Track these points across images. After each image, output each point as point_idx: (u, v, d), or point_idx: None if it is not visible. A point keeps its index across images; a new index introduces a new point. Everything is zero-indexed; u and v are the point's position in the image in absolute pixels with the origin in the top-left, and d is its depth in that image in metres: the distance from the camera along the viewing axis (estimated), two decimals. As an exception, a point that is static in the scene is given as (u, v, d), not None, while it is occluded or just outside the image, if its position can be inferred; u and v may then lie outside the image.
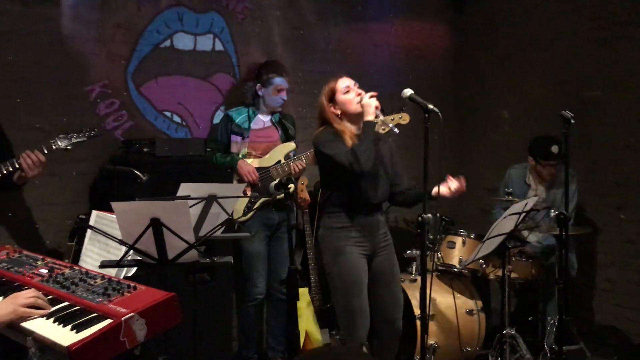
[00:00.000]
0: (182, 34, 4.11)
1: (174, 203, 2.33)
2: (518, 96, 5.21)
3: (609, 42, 4.54)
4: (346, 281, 3.10)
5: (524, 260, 4.08)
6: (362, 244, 3.13)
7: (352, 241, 3.11)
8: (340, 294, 3.13)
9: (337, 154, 3.00)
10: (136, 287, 2.10)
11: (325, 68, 4.83)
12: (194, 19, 4.15)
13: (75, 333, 1.85)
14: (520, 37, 5.15)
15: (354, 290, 3.09)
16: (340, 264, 3.11)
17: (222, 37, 4.29)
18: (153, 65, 4.02)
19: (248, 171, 3.82)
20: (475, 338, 4.04)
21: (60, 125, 3.58)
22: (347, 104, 3.14)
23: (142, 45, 3.95)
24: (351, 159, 2.95)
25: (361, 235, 3.13)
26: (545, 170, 4.24)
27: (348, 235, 3.11)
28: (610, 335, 4.55)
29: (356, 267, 3.10)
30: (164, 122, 4.09)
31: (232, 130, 3.95)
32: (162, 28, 4.02)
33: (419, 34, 5.35)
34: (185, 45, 4.12)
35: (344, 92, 3.16)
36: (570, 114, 3.16)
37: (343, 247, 3.10)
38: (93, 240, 2.75)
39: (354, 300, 3.09)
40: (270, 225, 4.00)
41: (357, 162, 2.94)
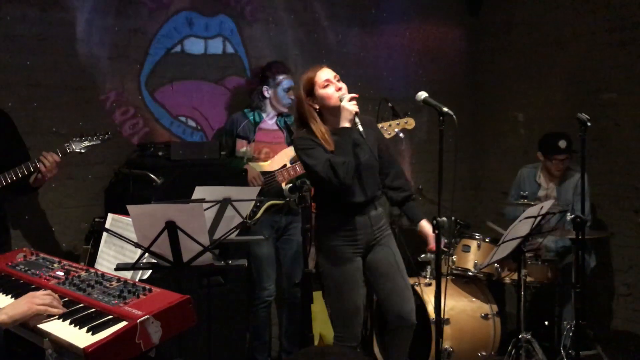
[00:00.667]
0: (192, 38, 4.12)
1: (189, 206, 2.34)
2: (534, 99, 5.18)
3: (626, 44, 4.49)
4: (337, 281, 3.04)
5: (540, 263, 4.05)
6: (354, 243, 3.04)
7: (344, 240, 3.03)
8: (332, 294, 3.09)
9: (316, 164, 2.89)
10: (151, 289, 2.11)
11: (340, 71, 4.78)
12: (203, 23, 4.17)
13: (91, 335, 1.86)
14: (536, 39, 5.12)
15: (344, 289, 3.04)
16: (331, 263, 3.05)
17: (233, 39, 4.30)
18: (166, 70, 4.04)
19: (253, 177, 3.82)
20: (491, 342, 4.01)
21: (76, 129, 3.61)
22: (326, 99, 2.97)
23: (154, 50, 3.98)
24: (329, 173, 2.84)
25: (353, 233, 3.04)
26: (554, 165, 4.24)
27: (339, 235, 3.03)
28: (628, 340, 4.49)
29: (347, 267, 3.03)
30: (179, 127, 4.11)
31: (237, 134, 3.95)
32: (172, 33, 4.04)
33: (433, 36, 5.33)
34: (196, 50, 4.14)
35: (323, 86, 2.97)
36: (586, 117, 3.14)
37: (335, 247, 3.03)
38: (109, 243, 2.77)
39: (345, 299, 3.04)
40: (277, 228, 3.99)
41: (335, 176, 2.84)
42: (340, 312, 3.08)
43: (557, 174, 4.30)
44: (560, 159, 4.22)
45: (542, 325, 4.34)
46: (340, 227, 3.04)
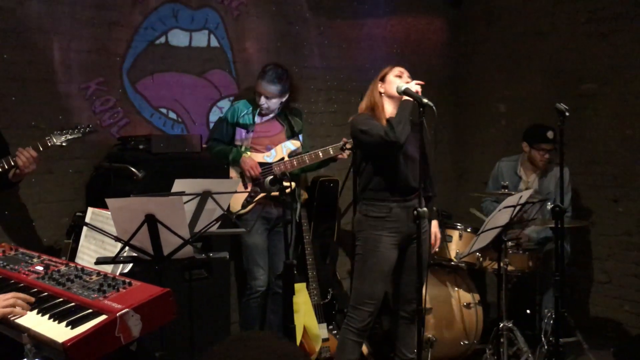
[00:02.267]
0: (177, 30, 4.10)
1: (168, 199, 2.33)
2: (515, 90, 5.21)
3: (605, 35, 4.54)
4: (370, 267, 3.24)
5: (521, 252, 4.09)
6: (395, 234, 3.23)
7: (386, 231, 3.23)
8: (361, 276, 3.29)
9: (372, 127, 3.13)
10: (131, 283, 2.10)
11: (322, 63, 4.83)
12: (188, 16, 4.15)
13: (70, 329, 1.84)
14: (517, 31, 5.16)
15: (370, 275, 3.24)
16: (369, 251, 3.24)
17: (218, 33, 4.29)
18: (148, 62, 4.02)
19: (251, 166, 3.83)
20: (473, 331, 4.05)
21: (56, 123, 3.59)
22: (393, 84, 3.23)
23: (137, 42, 3.95)
24: (386, 128, 3.07)
25: (396, 225, 3.22)
26: (539, 155, 4.27)
27: (383, 226, 3.22)
28: (607, 327, 4.57)
29: (383, 258, 3.23)
30: (160, 118, 4.10)
31: (237, 122, 3.94)
32: (157, 25, 4.02)
33: (415, 28, 5.35)
34: (180, 42, 4.13)
35: (395, 75, 3.28)
36: (565, 107, 3.17)
37: (376, 237, 3.22)
38: (89, 237, 2.76)
39: (367, 284, 3.25)
40: (270, 219, 4.00)
41: (392, 130, 3.04)
42: (358, 293, 3.30)
43: (542, 164, 4.32)
44: (547, 148, 4.24)
45: (523, 313, 4.40)
46: (384, 218, 3.22)
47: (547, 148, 4.23)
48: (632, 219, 4.46)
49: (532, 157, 4.33)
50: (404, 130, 3.06)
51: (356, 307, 3.28)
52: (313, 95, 4.82)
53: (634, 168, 4.43)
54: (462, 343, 4.02)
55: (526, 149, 4.36)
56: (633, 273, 4.47)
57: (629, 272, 4.49)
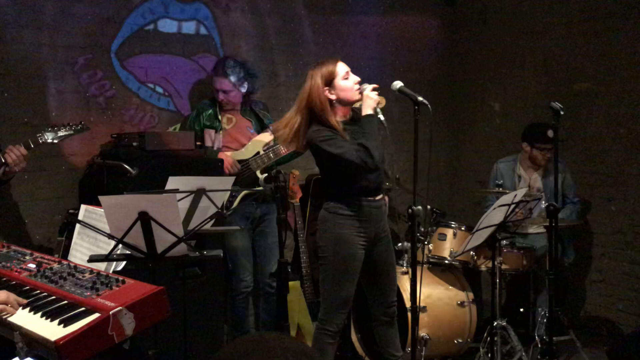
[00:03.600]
0: (166, 19, 4.09)
1: (162, 196, 2.32)
2: (509, 88, 5.22)
3: (600, 33, 4.54)
4: (339, 269, 3.08)
5: (515, 251, 4.09)
6: (363, 234, 3.08)
7: (355, 230, 3.06)
8: (330, 280, 3.11)
9: (345, 152, 2.91)
10: (124, 281, 2.09)
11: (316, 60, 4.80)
12: (178, 8, 4.12)
13: (62, 327, 1.84)
14: (512, 29, 5.16)
15: (345, 279, 3.08)
16: (337, 251, 3.07)
17: (207, 24, 4.26)
18: (137, 43, 3.99)
19: (230, 164, 3.79)
20: (467, 330, 4.05)
21: (48, 120, 3.56)
22: (346, 91, 3.03)
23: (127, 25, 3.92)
24: (363, 156, 2.89)
25: (364, 224, 3.08)
26: (541, 154, 4.27)
27: (352, 224, 3.06)
28: (601, 325, 4.58)
29: (352, 258, 3.07)
30: (147, 91, 4.07)
31: (204, 124, 3.91)
32: (146, 14, 4.01)
33: (409, 26, 5.34)
34: (169, 29, 4.10)
35: (344, 78, 3.03)
36: (559, 106, 3.17)
37: (345, 235, 3.05)
38: (82, 234, 2.74)
39: (343, 288, 3.09)
40: (253, 219, 3.97)
41: (371, 159, 2.90)
42: (331, 298, 3.13)
43: (544, 163, 4.31)
44: (548, 148, 4.22)
45: (517, 312, 4.40)
46: (354, 216, 3.06)
47: (548, 147, 4.22)
48: (625, 217, 4.47)
49: (533, 157, 4.32)
50: (380, 155, 2.94)
51: (332, 312, 3.12)
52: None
53: (627, 167, 4.44)
54: (455, 341, 4.01)
55: (527, 149, 4.34)
56: (626, 272, 4.48)
57: (622, 270, 4.50)
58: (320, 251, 3.15)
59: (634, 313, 4.40)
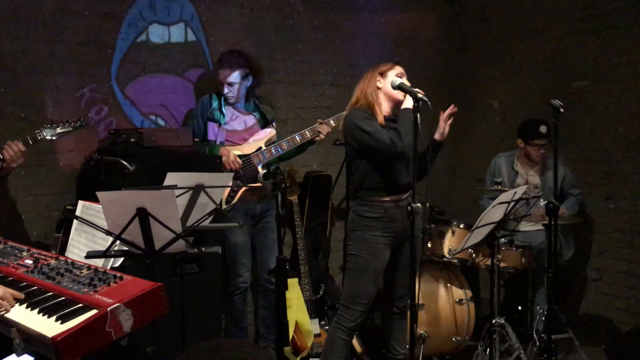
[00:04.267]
0: (156, 25, 4.04)
1: (160, 192, 2.30)
2: (508, 86, 5.21)
3: (599, 32, 4.54)
4: (364, 268, 3.20)
5: (514, 249, 4.09)
6: (389, 234, 3.19)
7: (381, 232, 3.17)
8: (354, 276, 3.23)
9: (376, 131, 3.05)
10: (122, 277, 2.08)
11: (315, 58, 4.80)
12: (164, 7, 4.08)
13: (60, 324, 1.82)
14: (511, 27, 5.15)
15: (364, 276, 3.20)
16: (364, 251, 3.19)
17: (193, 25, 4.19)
18: (133, 63, 3.94)
19: (231, 160, 3.78)
20: (465, 327, 4.05)
21: (46, 116, 3.54)
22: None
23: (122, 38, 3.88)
24: (394, 137, 3.01)
25: (390, 225, 3.18)
26: (534, 151, 4.28)
27: (377, 226, 3.17)
28: (599, 324, 4.58)
29: (378, 259, 3.19)
30: (150, 126, 4.04)
31: (208, 117, 3.89)
32: (138, 20, 3.96)
33: (409, 24, 5.33)
34: (159, 38, 4.06)
35: (397, 74, 3.21)
36: (559, 103, 3.16)
37: (369, 236, 3.17)
38: (79, 230, 2.73)
39: (360, 285, 3.21)
40: (253, 215, 3.95)
41: (400, 140, 3.01)
42: (350, 293, 3.24)
43: (537, 159, 4.33)
44: (541, 143, 4.25)
45: (515, 310, 4.40)
46: (378, 218, 3.17)
47: (541, 143, 4.24)
48: (623, 216, 4.47)
49: (527, 153, 4.34)
50: (410, 142, 2.94)
51: (348, 306, 3.25)
52: (306, 90, 4.79)
53: (626, 165, 4.43)
54: (454, 339, 4.01)
55: (521, 145, 4.37)
56: (624, 270, 4.48)
57: (621, 269, 4.50)
58: (349, 249, 3.30)
59: (632, 311, 4.40)
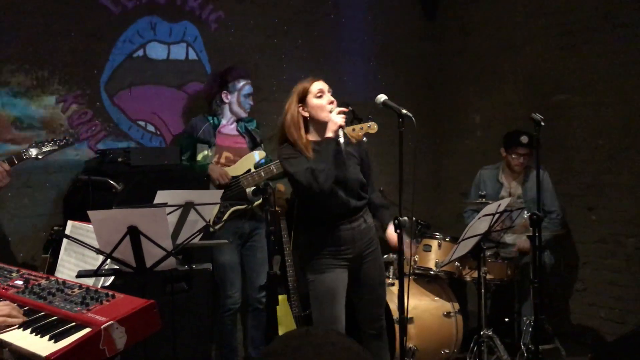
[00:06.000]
0: (155, 43, 4.10)
1: (151, 210, 2.32)
2: (490, 101, 5.30)
3: (577, 47, 4.65)
4: (320, 291, 3.08)
5: (500, 261, 4.14)
6: (341, 256, 3.07)
7: (330, 254, 3.06)
8: (318, 302, 3.11)
9: (296, 172, 2.92)
10: (114, 295, 2.08)
11: (299, 76, 4.83)
12: (167, 29, 4.15)
13: (53, 343, 1.82)
14: (491, 43, 5.25)
15: (326, 299, 3.07)
16: (315, 276, 3.09)
17: (196, 46, 4.30)
18: (126, 74, 4.00)
19: (220, 174, 3.79)
20: (453, 340, 4.08)
21: (33, 136, 3.55)
22: (317, 109, 3.02)
23: (115, 55, 3.94)
24: (309, 178, 2.86)
25: (340, 247, 3.06)
26: (514, 160, 4.37)
27: (329, 251, 3.06)
28: (585, 333, 4.63)
29: (329, 279, 3.06)
30: (138, 131, 4.08)
31: (198, 138, 3.91)
32: (135, 38, 4.02)
33: (391, 41, 5.41)
34: (158, 55, 4.12)
35: (316, 96, 3.02)
36: (540, 117, 3.23)
37: (319, 261, 3.06)
38: (69, 250, 2.73)
39: (324, 309, 3.09)
40: (242, 235, 3.96)
41: (316, 181, 2.86)
42: (320, 318, 3.11)
43: (518, 169, 4.41)
44: (521, 153, 4.34)
45: (503, 322, 4.44)
46: (324, 242, 3.05)
47: (521, 152, 4.34)
48: (605, 227, 4.54)
49: (508, 162, 4.44)
50: (327, 179, 2.87)
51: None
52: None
53: (607, 177, 4.52)
54: (442, 352, 4.04)
55: (503, 154, 4.47)
56: (608, 280, 4.54)
57: (604, 279, 4.57)
58: (305, 276, 3.17)
59: (616, 321, 4.47)
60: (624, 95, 4.38)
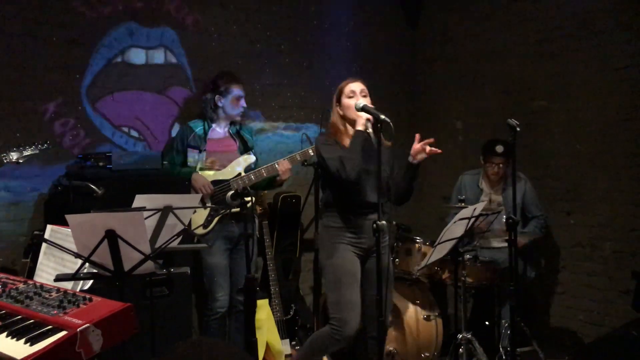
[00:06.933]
0: (133, 48, 4.11)
1: (129, 214, 2.34)
2: (470, 107, 5.37)
3: (556, 54, 4.72)
4: (338, 272, 3.21)
5: (478, 265, 4.19)
6: (356, 244, 3.23)
7: (347, 240, 3.23)
8: (332, 286, 3.23)
9: (328, 158, 3.17)
10: (92, 299, 2.09)
11: (282, 81, 4.89)
12: (144, 33, 4.16)
13: (29, 346, 1.83)
14: (471, 50, 5.32)
15: (345, 281, 3.19)
16: (333, 259, 3.22)
17: (175, 50, 4.31)
18: (107, 80, 4.02)
19: (202, 184, 3.81)
20: (433, 343, 4.12)
21: (14, 140, 3.55)
22: (347, 109, 3.26)
23: (95, 59, 3.95)
24: (338, 166, 3.10)
25: (356, 235, 3.23)
26: (490, 169, 4.43)
27: (343, 235, 3.23)
28: (563, 336, 4.69)
29: (349, 261, 3.22)
30: (122, 137, 4.09)
31: (188, 144, 3.94)
32: (113, 43, 4.03)
33: (373, 47, 5.47)
34: (138, 60, 4.13)
35: (348, 96, 3.27)
36: (516, 122, 3.28)
37: (337, 244, 3.22)
38: (48, 254, 2.73)
39: (345, 291, 3.18)
40: (231, 238, 3.97)
41: (343, 169, 3.08)
42: (338, 302, 3.20)
43: (494, 177, 4.47)
44: (496, 162, 4.40)
45: (483, 325, 4.49)
46: (346, 228, 3.23)
47: (496, 162, 4.39)
48: (583, 231, 4.61)
49: (486, 170, 4.49)
50: (353, 167, 3.09)
51: (339, 316, 3.17)
52: (274, 113, 4.87)
53: (585, 181, 4.59)
54: (422, 355, 4.07)
55: (481, 163, 4.52)
56: (586, 283, 4.61)
57: (582, 282, 4.63)
58: (320, 264, 3.34)
59: (594, 323, 4.53)
60: (602, 100, 4.45)
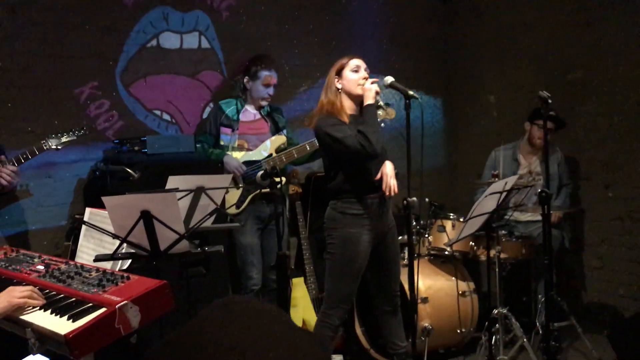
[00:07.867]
0: (168, 33, 4.18)
1: (162, 195, 2.40)
2: (504, 81, 5.28)
3: (591, 24, 4.60)
4: (345, 267, 3.16)
5: (514, 240, 4.15)
6: (372, 231, 3.16)
7: (365, 229, 3.13)
8: (336, 276, 3.20)
9: (346, 137, 3.00)
10: (129, 277, 2.18)
11: (312, 61, 4.90)
12: (179, 18, 4.23)
13: (72, 322, 1.92)
14: (505, 22, 5.22)
15: (349, 276, 3.17)
16: (347, 250, 3.14)
17: (208, 34, 4.37)
18: (141, 65, 4.09)
19: (235, 167, 3.88)
20: (469, 319, 4.11)
21: (52, 128, 3.66)
22: (350, 82, 3.15)
23: (129, 45, 4.03)
24: (362, 140, 2.96)
25: (373, 222, 3.15)
26: (538, 133, 4.35)
27: (361, 223, 3.13)
28: (602, 310, 4.63)
29: (359, 257, 3.15)
30: (154, 120, 4.17)
31: (221, 123, 3.99)
32: (148, 28, 4.10)
33: (402, 23, 5.41)
34: (171, 44, 4.20)
35: (352, 69, 3.16)
36: (547, 94, 3.22)
37: (355, 234, 3.12)
38: (88, 236, 2.83)
39: (346, 285, 3.18)
40: (263, 218, 4.04)
41: (369, 143, 2.95)
42: (334, 293, 3.21)
43: (539, 142, 4.38)
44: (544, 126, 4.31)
45: (520, 301, 4.46)
46: (363, 215, 3.13)
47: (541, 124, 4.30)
48: (622, 204, 4.52)
49: (531, 135, 4.42)
50: (378, 140, 2.98)
51: (334, 307, 3.20)
52: (303, 93, 4.89)
53: (623, 154, 4.49)
54: (458, 331, 4.07)
55: (527, 127, 4.48)
56: (626, 257, 4.53)
57: (622, 256, 4.55)
58: (328, 247, 3.22)
59: (634, 297, 4.46)
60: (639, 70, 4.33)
